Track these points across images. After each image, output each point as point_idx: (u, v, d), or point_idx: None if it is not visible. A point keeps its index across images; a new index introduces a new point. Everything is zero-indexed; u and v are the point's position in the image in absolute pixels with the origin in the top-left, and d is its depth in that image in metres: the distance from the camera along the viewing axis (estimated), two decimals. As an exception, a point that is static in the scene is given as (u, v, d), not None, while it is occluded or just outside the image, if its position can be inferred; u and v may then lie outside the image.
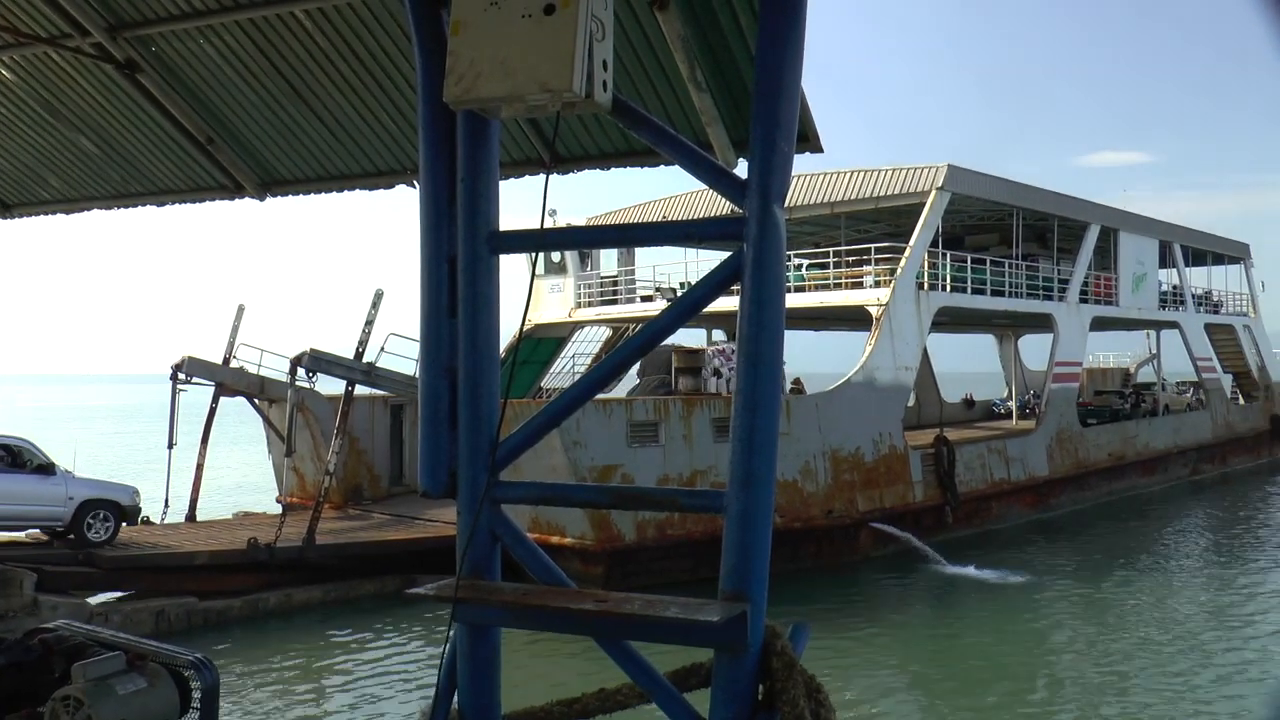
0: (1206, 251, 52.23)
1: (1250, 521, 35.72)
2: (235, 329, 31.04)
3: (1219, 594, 24.29)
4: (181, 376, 28.42)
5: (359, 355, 26.90)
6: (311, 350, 26.24)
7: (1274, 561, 28.23)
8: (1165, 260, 47.23)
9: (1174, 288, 48.87)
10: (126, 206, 8.88)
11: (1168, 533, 33.68)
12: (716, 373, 31.91)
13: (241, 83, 7.08)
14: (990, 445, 33.80)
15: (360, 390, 27.44)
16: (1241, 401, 54.34)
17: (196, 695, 5.99)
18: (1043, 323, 39.89)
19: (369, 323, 27.26)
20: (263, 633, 20.84)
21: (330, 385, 27.65)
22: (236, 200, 8.21)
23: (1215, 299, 54.53)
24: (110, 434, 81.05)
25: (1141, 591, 24.50)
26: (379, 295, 27.75)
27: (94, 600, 21.21)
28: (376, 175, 7.57)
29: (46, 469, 21.86)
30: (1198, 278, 53.11)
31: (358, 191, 7.78)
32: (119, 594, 21.95)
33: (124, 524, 22.86)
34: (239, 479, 45.38)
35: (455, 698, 4.47)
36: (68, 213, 9.39)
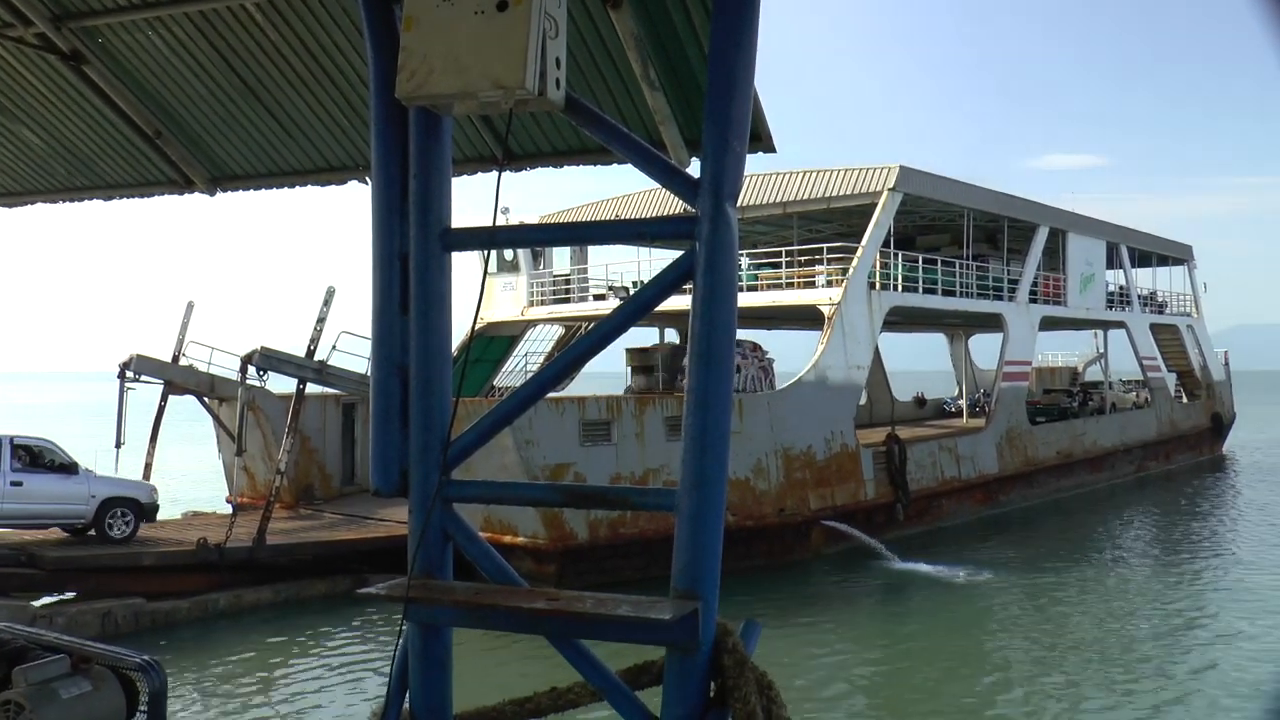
0: (1151, 253, 53.17)
1: (1192, 517, 36.37)
2: (185, 326, 30.69)
3: (1163, 587, 24.71)
4: (129, 374, 28.05)
5: (310, 353, 26.64)
6: (262, 348, 25.99)
7: (1214, 555, 28.81)
8: (1112, 261, 47.97)
9: (1120, 288, 49.64)
10: (72, 200, 8.73)
11: (1114, 529, 34.20)
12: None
13: (191, 76, 6.98)
14: (941, 443, 34.12)
15: (312, 389, 27.22)
16: (1185, 400, 55.31)
17: (144, 698, 5.90)
18: (993, 322, 40.33)
19: (321, 320, 27.01)
20: (212, 634, 20.62)
21: (281, 384, 27.40)
22: (186, 195, 8.10)
23: (1160, 300, 55.48)
24: (56, 434, 79.53)
25: (1088, 586, 24.85)
26: (331, 293, 27.52)
27: (37, 603, 20.86)
28: (328, 171, 7.49)
29: (70, 468, 22.53)
30: (1143, 279, 54.05)
31: (309, 187, 7.70)
32: (64, 596, 21.62)
33: (143, 521, 23.39)
34: (189, 478, 44.83)
35: (407, 698, 4.44)
36: (10, 206, 9.22)
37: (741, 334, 43.04)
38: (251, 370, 26.05)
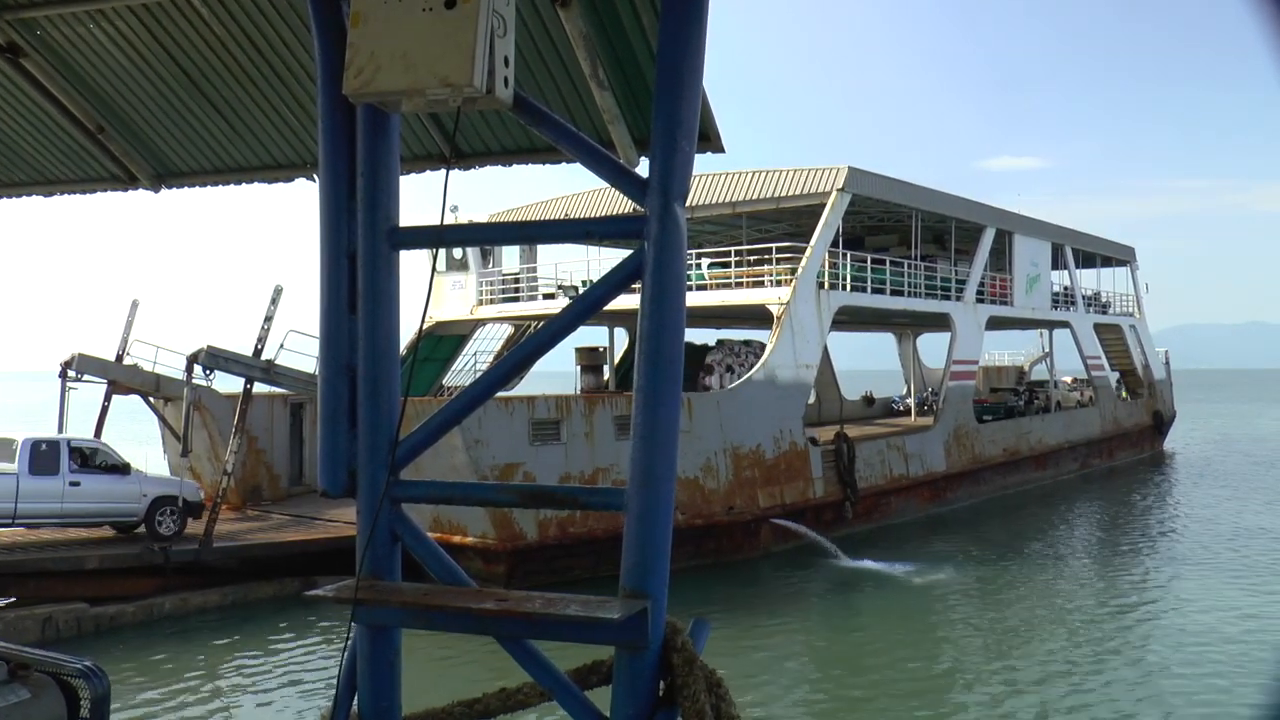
0: (1095, 254, 54.06)
1: (1134, 513, 37.00)
2: (129, 325, 30.24)
3: (1106, 582, 25.11)
4: (71, 374, 27.60)
5: (258, 352, 26.35)
6: (209, 347, 25.68)
7: (1155, 550, 29.33)
8: (1057, 262, 48.70)
9: (1065, 289, 50.36)
10: (11, 196, 8.57)
11: (1059, 524, 34.68)
12: (730, 369, 33.87)
13: (134, 70, 6.87)
14: (889, 442, 34.40)
15: (259, 388, 26.91)
16: (1127, 398, 56.20)
17: (85, 705, 5.80)
18: (941, 322, 40.76)
19: (268, 319, 26.71)
20: (158, 638, 20.32)
21: (228, 383, 27.10)
22: (130, 191, 7.98)
23: (1103, 300, 56.36)
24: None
25: (1034, 582, 25.17)
26: (278, 291, 27.23)
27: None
28: (275, 168, 7.41)
29: (122, 469, 23.27)
30: (1087, 279, 54.86)
31: (257, 184, 7.62)
32: (2, 601, 21.22)
33: (189, 517, 23.99)
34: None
35: (355, 700, 4.41)
36: (-54, 201, 9.04)
37: (695, 333, 43.16)
38: (198, 369, 25.75)
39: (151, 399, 29.54)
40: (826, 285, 32.08)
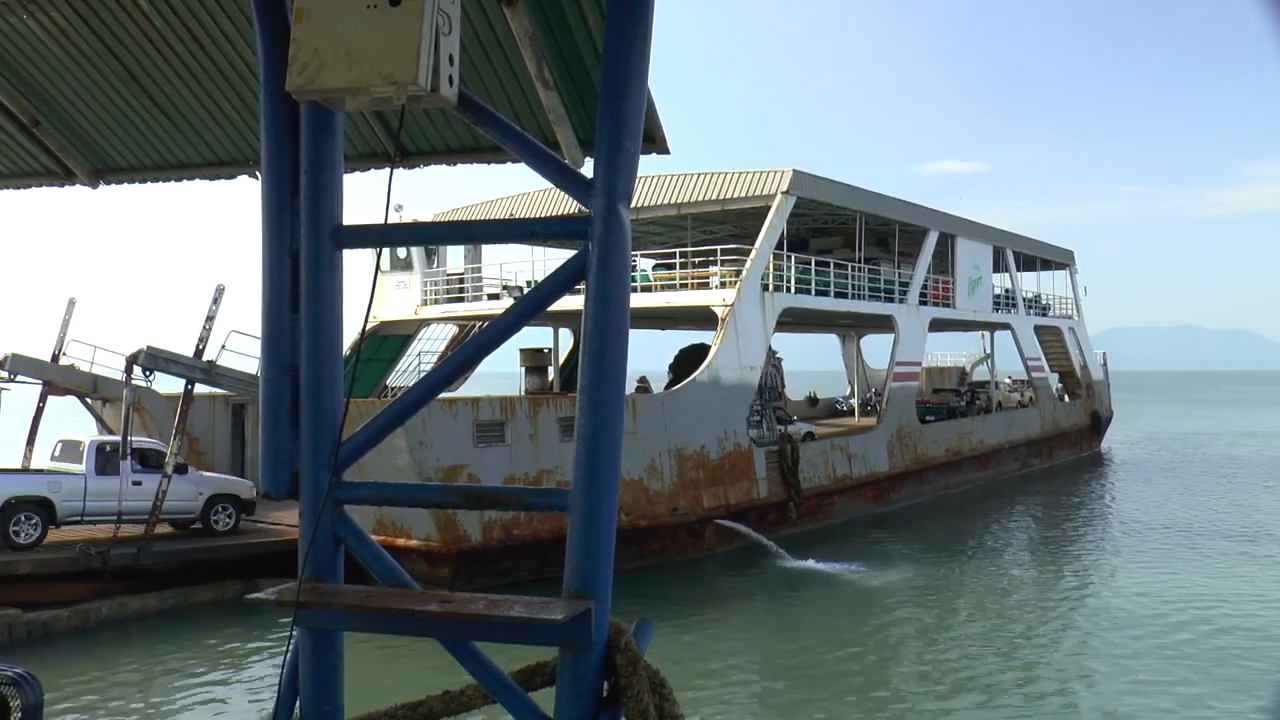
0: (1036, 258, 54.90)
1: (1073, 510, 37.66)
2: (66, 324, 29.74)
3: (1046, 577, 25.55)
4: (4, 374, 27.08)
5: (199, 353, 25.98)
6: (148, 347, 25.24)
7: (1093, 546, 29.89)
8: (999, 265, 49.32)
9: (1006, 291, 51.03)
10: (-58, 192, 8.40)
11: (1000, 523, 35.13)
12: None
13: (70, 63, 6.74)
14: (833, 442, 34.63)
15: (201, 389, 26.55)
16: (1066, 399, 57.10)
17: (16, 714, 5.68)
18: (884, 323, 41.12)
19: (210, 319, 26.35)
20: (95, 645, 19.96)
21: (169, 384, 26.69)
22: (67, 187, 7.84)
23: (1044, 303, 57.20)
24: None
25: (976, 579, 25.47)
26: (220, 290, 26.88)
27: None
28: (217, 165, 7.31)
29: (180, 468, 24.00)
30: (1028, 282, 55.65)
31: (198, 181, 7.52)
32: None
33: (244, 514, 25.41)
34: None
35: (298, 704, 4.37)
36: (-128, 197, 8.83)
37: (636, 334, 43.14)
38: (137, 370, 25.32)
39: (89, 400, 29.06)
40: (771, 287, 32.24)
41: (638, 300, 32.29)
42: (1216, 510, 36.64)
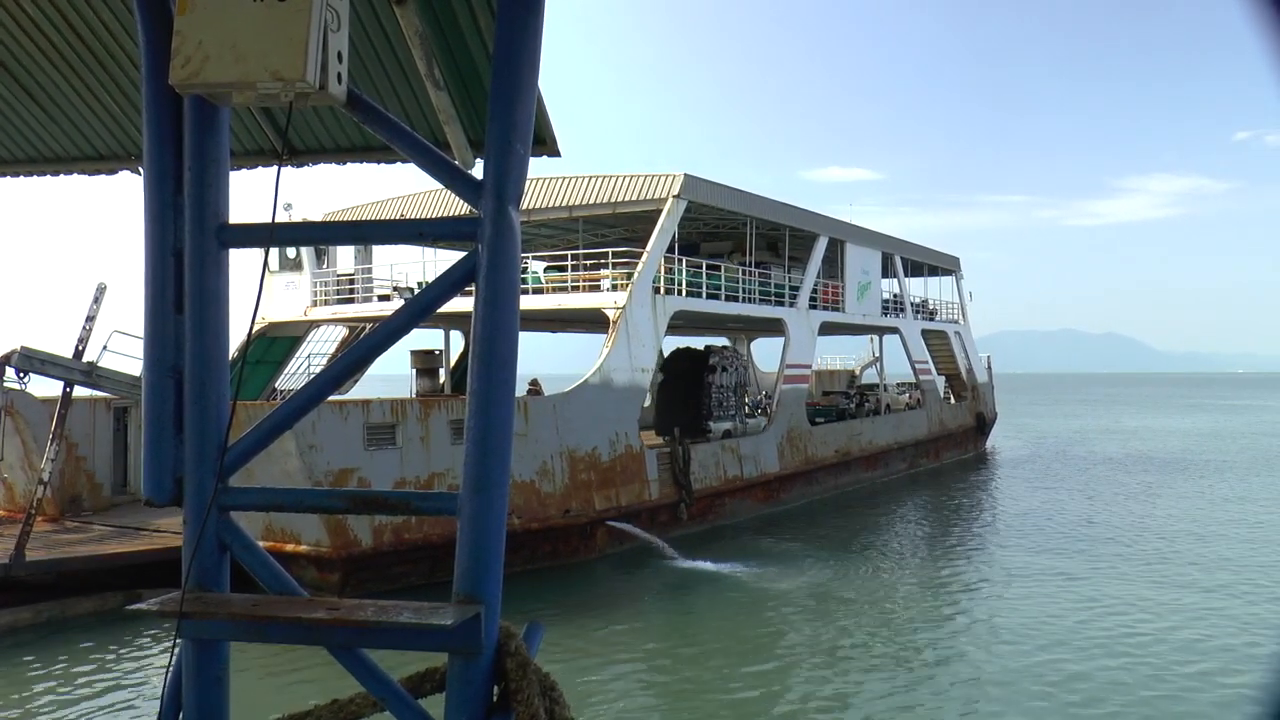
0: (923, 264, 56.26)
1: (959, 509, 38.55)
2: (-70, 325, 28.56)
3: (934, 574, 26.05)
4: None
5: (79, 354, 25.08)
6: (22, 348, 24.31)
7: (980, 545, 30.58)
8: (887, 271, 50.40)
9: (895, 296, 52.13)
10: None
11: (889, 522, 35.79)
12: (723, 369, 37.40)
13: (-64, 54, 6.50)
14: (724, 444, 34.94)
15: (80, 392, 25.67)
16: (953, 401, 58.53)
17: None
18: (774, 327, 41.65)
19: (90, 319, 25.47)
20: (-39, 657, 19.19)
21: (45, 386, 25.75)
22: (-69, 182, 7.55)
23: (931, 307, 58.60)
24: None
25: (865, 578, 25.90)
26: (101, 289, 26.01)
27: None
28: (97, 159, 7.10)
29: None
30: (915, 287, 57.00)
31: (77, 176, 7.30)
32: None
33: None
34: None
35: (180, 718, 4.26)
36: None
37: (529, 337, 42.97)
38: (10, 372, 24.38)
39: (-44, 405, 27.90)
40: (663, 290, 32.42)
41: (529, 302, 32.21)
42: (1093, 506, 38.04)
